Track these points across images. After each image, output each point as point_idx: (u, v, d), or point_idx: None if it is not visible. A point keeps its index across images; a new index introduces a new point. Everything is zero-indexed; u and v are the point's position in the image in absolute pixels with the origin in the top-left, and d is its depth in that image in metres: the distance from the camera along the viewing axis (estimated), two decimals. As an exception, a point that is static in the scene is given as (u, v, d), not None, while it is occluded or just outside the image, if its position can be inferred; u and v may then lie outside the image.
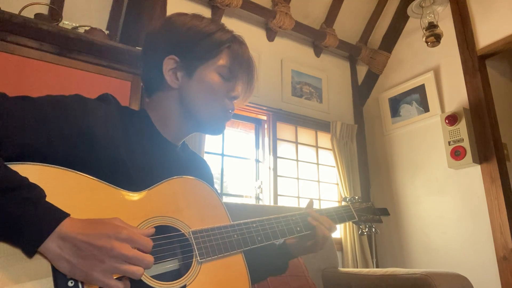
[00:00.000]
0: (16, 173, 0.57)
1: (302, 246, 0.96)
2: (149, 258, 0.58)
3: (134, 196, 0.70)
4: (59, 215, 0.56)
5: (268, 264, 0.97)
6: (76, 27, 1.77)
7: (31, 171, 0.59)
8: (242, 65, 0.87)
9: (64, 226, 0.55)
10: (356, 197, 1.19)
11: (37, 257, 0.55)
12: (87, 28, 1.78)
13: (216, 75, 0.83)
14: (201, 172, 0.96)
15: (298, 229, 0.92)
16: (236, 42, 0.86)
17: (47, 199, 0.57)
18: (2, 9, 1.49)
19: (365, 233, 1.14)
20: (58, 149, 0.66)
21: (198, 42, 0.82)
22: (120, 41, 2.05)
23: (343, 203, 1.16)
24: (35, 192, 0.56)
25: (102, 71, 1.67)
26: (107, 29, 2.18)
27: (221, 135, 0.77)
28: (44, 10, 2.03)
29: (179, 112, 0.84)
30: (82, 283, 0.57)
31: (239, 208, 1.83)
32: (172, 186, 0.76)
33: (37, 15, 1.76)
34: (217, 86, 0.83)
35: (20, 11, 1.71)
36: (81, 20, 2.04)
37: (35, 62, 1.52)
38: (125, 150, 0.74)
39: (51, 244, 0.54)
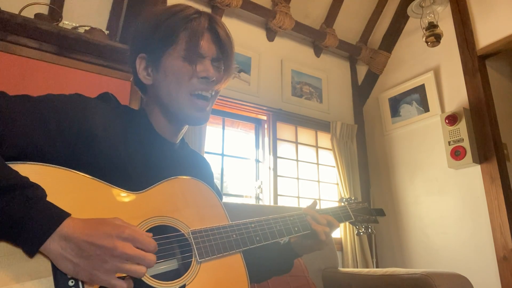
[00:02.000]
0: (17, 172, 0.57)
1: (305, 245, 0.96)
2: (152, 257, 0.58)
3: (134, 196, 0.70)
4: (61, 215, 0.56)
5: (273, 263, 0.98)
6: (76, 27, 1.77)
7: (31, 171, 0.59)
8: (203, 40, 0.80)
9: (65, 226, 0.55)
10: (353, 198, 1.19)
11: (37, 256, 0.55)
12: (87, 28, 1.78)
13: (178, 60, 0.79)
14: (201, 171, 0.96)
15: (296, 229, 0.92)
16: (195, 20, 0.81)
17: (47, 198, 0.57)
18: (2, 9, 1.49)
19: (362, 233, 1.14)
20: (58, 149, 0.66)
21: (154, 33, 0.80)
22: (120, 41, 2.05)
23: (341, 204, 1.16)
24: (36, 192, 0.56)
25: (102, 71, 1.67)
26: (107, 29, 2.18)
27: (204, 123, 0.73)
28: (44, 10, 2.03)
29: (159, 109, 0.84)
30: (83, 282, 0.57)
31: (239, 208, 1.83)
32: (171, 186, 0.77)
33: (37, 15, 1.76)
34: (180, 70, 0.79)
35: (20, 11, 1.71)
36: (81, 20, 2.04)
37: (35, 62, 1.52)
38: (124, 150, 0.74)
39: (52, 244, 0.54)
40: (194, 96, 0.81)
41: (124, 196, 0.69)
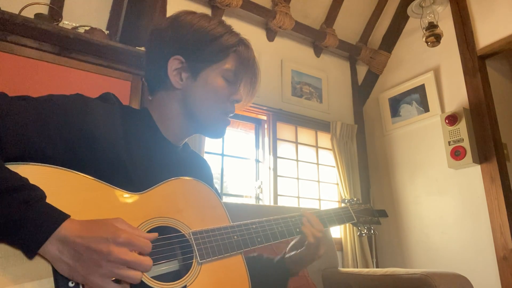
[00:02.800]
0: (16, 174, 0.56)
1: (300, 258, 0.95)
2: (148, 262, 0.57)
3: (134, 197, 0.70)
4: (59, 217, 0.56)
5: (267, 285, 0.94)
6: (76, 27, 1.77)
7: (31, 172, 0.59)
8: (247, 69, 0.87)
9: (63, 229, 0.55)
10: (355, 199, 1.19)
11: (37, 258, 0.55)
12: (87, 28, 1.78)
13: (221, 78, 0.83)
14: (201, 172, 0.96)
15: (298, 230, 0.92)
16: (242, 45, 0.87)
17: (47, 199, 0.57)
18: (2, 9, 1.49)
19: (364, 235, 1.14)
20: (59, 150, 0.65)
21: (206, 45, 0.82)
22: (120, 41, 2.05)
23: (342, 205, 1.16)
24: (36, 194, 0.56)
25: (102, 71, 1.67)
26: (107, 29, 2.17)
27: (220, 139, 0.78)
28: (44, 10, 2.03)
29: (181, 113, 0.84)
30: (83, 285, 0.56)
31: (239, 208, 1.83)
32: (172, 187, 0.76)
33: (37, 15, 1.76)
34: (221, 89, 0.83)
35: (20, 11, 1.71)
36: (81, 20, 2.04)
37: (35, 62, 1.52)
38: (125, 151, 0.73)
39: (50, 246, 0.54)
40: (226, 115, 0.87)
41: (125, 197, 0.68)
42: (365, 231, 1.14)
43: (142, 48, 1.77)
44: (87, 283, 0.55)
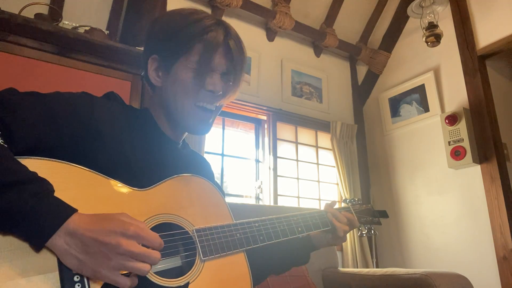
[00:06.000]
0: (25, 167, 0.57)
1: (324, 239, 1.03)
2: (156, 254, 0.58)
3: (139, 193, 0.70)
4: (67, 211, 0.56)
5: (292, 256, 1.01)
6: (76, 27, 1.77)
7: (39, 166, 0.60)
8: (216, 54, 0.80)
9: (71, 222, 0.55)
10: (356, 199, 1.19)
11: (43, 251, 0.55)
12: (87, 28, 1.78)
13: (187, 70, 0.79)
14: (203, 170, 0.97)
15: (299, 229, 0.93)
16: (211, 31, 0.80)
17: (55, 193, 0.58)
18: (2, 9, 1.49)
19: (365, 235, 1.15)
20: (66, 145, 0.66)
21: (171, 38, 0.80)
22: (120, 41, 2.05)
23: (343, 205, 1.16)
24: (44, 187, 0.56)
25: (102, 71, 1.67)
26: (107, 29, 2.17)
27: (205, 134, 0.76)
28: (44, 10, 2.02)
29: (163, 112, 0.85)
30: (88, 278, 0.57)
31: (239, 208, 1.83)
32: (176, 184, 0.77)
33: (37, 15, 1.76)
34: (188, 82, 0.79)
35: (20, 11, 1.71)
36: (81, 20, 2.04)
37: (35, 62, 1.52)
38: (130, 147, 0.74)
39: (58, 239, 0.54)
40: (198, 108, 0.81)
41: (130, 193, 0.69)
42: (366, 231, 1.15)
43: (142, 48, 1.77)
44: (96, 275, 0.55)
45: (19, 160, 0.58)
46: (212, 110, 0.83)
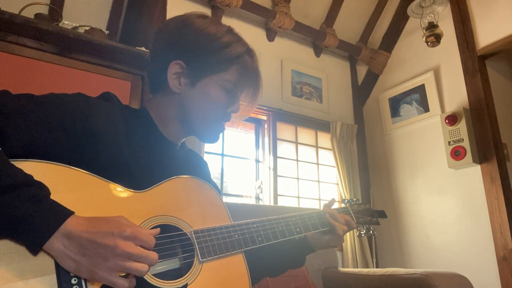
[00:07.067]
0: (21, 170, 0.57)
1: (322, 240, 1.01)
2: (154, 255, 0.59)
3: (137, 195, 0.70)
4: (64, 213, 0.56)
5: (288, 257, 1.00)
6: (76, 27, 1.77)
7: (35, 169, 0.60)
8: (249, 79, 0.86)
9: (68, 224, 0.55)
10: (355, 199, 1.19)
11: (41, 254, 0.55)
12: (87, 28, 1.78)
13: (220, 89, 0.82)
14: (200, 170, 0.97)
15: (298, 230, 0.93)
16: (247, 56, 0.85)
17: (51, 196, 0.58)
18: (2, 9, 1.49)
19: (363, 235, 1.15)
20: (62, 147, 0.66)
21: (210, 54, 0.80)
22: (120, 41, 2.05)
23: (342, 205, 1.16)
24: (40, 190, 0.56)
25: (102, 71, 1.67)
26: (107, 29, 2.17)
27: (214, 143, 0.81)
28: (44, 10, 2.03)
29: (177, 116, 0.85)
30: (85, 280, 0.57)
31: (239, 208, 1.83)
32: (174, 185, 0.77)
33: (37, 15, 1.76)
34: (218, 100, 0.83)
35: (20, 11, 1.71)
36: (81, 20, 2.04)
37: (35, 62, 1.52)
38: (127, 149, 0.74)
39: (55, 242, 0.54)
40: (218, 122, 0.86)
41: (127, 194, 0.69)
42: (364, 231, 1.15)
43: (142, 48, 1.77)
44: (93, 277, 0.55)
45: (14, 163, 0.58)
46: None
